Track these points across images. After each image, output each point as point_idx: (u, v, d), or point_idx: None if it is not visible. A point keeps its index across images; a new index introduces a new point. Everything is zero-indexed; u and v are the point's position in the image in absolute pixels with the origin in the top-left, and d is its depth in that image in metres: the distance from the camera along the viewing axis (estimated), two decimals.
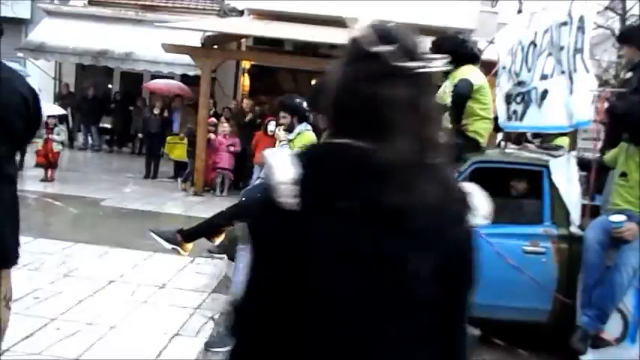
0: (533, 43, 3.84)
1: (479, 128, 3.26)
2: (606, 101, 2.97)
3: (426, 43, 0.92)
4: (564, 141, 4.56)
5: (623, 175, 3.07)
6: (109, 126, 11.96)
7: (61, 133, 7.99)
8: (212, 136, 7.92)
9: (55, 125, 7.91)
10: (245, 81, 11.82)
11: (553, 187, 3.18)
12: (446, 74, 3.46)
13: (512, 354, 3.16)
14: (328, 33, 7.32)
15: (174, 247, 3.35)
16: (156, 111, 9.34)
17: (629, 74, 3.56)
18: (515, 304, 3.15)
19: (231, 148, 8.04)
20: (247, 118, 8.75)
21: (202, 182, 7.99)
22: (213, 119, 8.40)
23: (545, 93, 3.47)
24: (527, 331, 3.29)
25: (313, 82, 11.21)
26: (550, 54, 3.50)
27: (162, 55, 9.22)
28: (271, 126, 8.21)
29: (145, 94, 11.52)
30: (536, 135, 4.26)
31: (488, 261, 3.04)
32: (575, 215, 3.14)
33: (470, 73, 3.27)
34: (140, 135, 9.81)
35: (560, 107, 3.26)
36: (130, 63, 10.29)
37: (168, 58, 9.49)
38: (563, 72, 3.23)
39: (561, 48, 3.21)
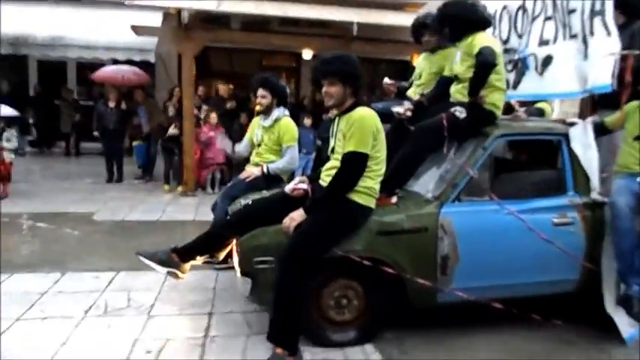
0: (523, 8, 3.75)
1: (496, 100, 3.11)
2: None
3: (431, 9, 0.69)
4: (545, 105, 4.60)
5: (638, 138, 3.07)
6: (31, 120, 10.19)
7: (12, 139, 6.68)
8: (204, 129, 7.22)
9: (4, 130, 6.58)
10: (192, 66, 10.95)
11: (573, 156, 3.13)
12: (453, 42, 3.26)
13: (548, 327, 3.12)
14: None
15: (170, 270, 2.91)
16: (111, 104, 8.09)
17: None
18: (546, 278, 3.09)
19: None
20: (228, 106, 7.97)
21: (194, 181, 7.34)
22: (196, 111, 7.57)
23: (548, 59, 3.39)
24: (552, 303, 3.26)
25: (265, 62, 10.73)
26: (549, 18, 3.41)
27: (100, 39, 8.19)
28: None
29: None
30: (523, 104, 4.23)
31: (521, 238, 2.98)
32: (595, 182, 3.11)
33: (489, 40, 3.07)
34: (95, 133, 8.40)
35: (569, 72, 3.19)
36: (60, 50, 8.87)
37: (106, 42, 8.39)
38: (573, 36, 3.15)
39: (571, 11, 3.11)
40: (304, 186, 2.92)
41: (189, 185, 7.27)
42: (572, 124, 3.22)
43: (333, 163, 2.81)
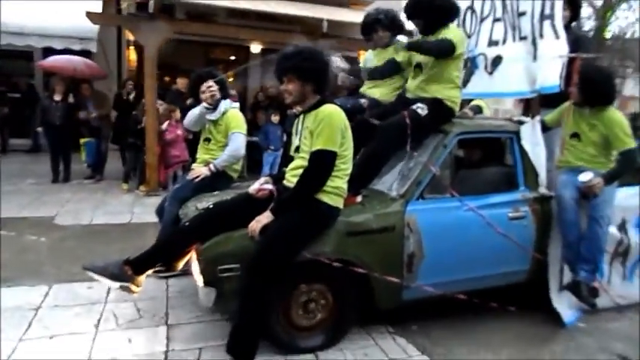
0: (471, 9, 3.87)
1: (454, 96, 3.16)
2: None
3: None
4: (481, 102, 4.81)
5: (575, 135, 3.29)
6: None
7: None
8: (164, 126, 6.64)
9: None
10: (131, 55, 10.08)
11: (523, 152, 3.28)
12: (426, 34, 3.22)
13: (504, 314, 3.27)
14: None
15: (123, 284, 2.62)
16: (57, 97, 7.25)
17: None
18: (502, 270, 3.22)
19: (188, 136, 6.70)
20: (188, 102, 7.46)
21: (156, 180, 6.81)
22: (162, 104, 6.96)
23: (498, 59, 3.52)
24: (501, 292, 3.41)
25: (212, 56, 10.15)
26: (498, 19, 3.54)
27: (33, 25, 7.44)
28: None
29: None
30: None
31: (480, 232, 3.07)
32: (543, 177, 3.29)
33: (459, 34, 3.09)
34: (39, 129, 7.59)
35: (519, 73, 3.33)
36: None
37: (41, 29, 7.61)
38: (523, 38, 3.29)
39: (521, 14, 3.25)
40: (269, 186, 2.76)
41: (151, 184, 6.77)
42: (521, 123, 3.37)
43: (299, 162, 2.69)
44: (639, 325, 3.31)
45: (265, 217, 2.55)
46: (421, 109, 3.06)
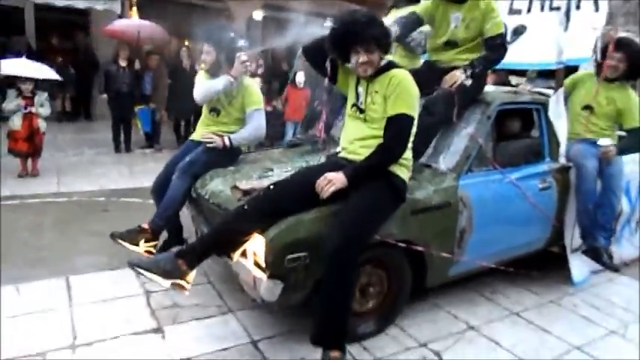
0: None
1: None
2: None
3: None
4: None
5: (587, 107, 3.42)
6: None
7: (45, 104, 5.55)
8: None
9: (34, 94, 5.45)
10: (134, 16, 8.73)
11: (549, 124, 3.32)
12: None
13: (524, 278, 3.39)
14: None
15: (175, 281, 2.18)
16: (123, 63, 7.02)
17: None
18: (530, 239, 3.30)
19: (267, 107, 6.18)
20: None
21: None
22: None
23: (522, 28, 3.48)
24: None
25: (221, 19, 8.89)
26: None
27: None
28: (299, 77, 7.05)
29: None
30: None
31: (517, 204, 3.08)
32: (563, 148, 3.38)
33: (499, 14, 3.01)
34: (104, 96, 7.21)
35: (546, 43, 3.33)
36: None
37: None
38: (555, 8, 3.27)
39: None
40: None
41: None
42: (542, 94, 3.41)
43: (367, 131, 2.40)
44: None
45: (339, 181, 2.26)
46: (466, 80, 2.92)
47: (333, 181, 2.25)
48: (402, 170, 2.40)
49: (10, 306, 2.73)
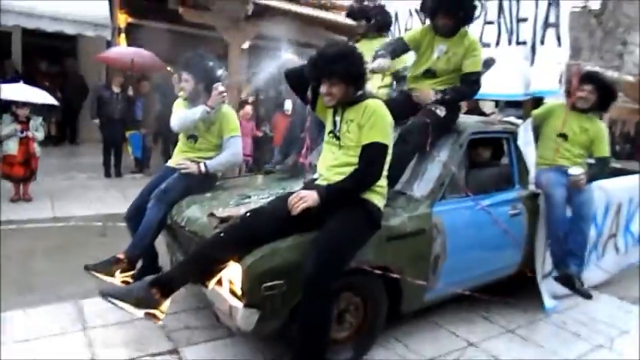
0: None
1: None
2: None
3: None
4: None
5: (562, 135, 3.55)
6: None
7: (39, 129, 5.63)
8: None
9: (28, 118, 5.52)
10: (122, 43, 8.81)
11: (519, 152, 3.45)
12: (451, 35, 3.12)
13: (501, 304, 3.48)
14: None
15: (149, 311, 2.15)
16: (116, 89, 7.23)
17: None
18: (500, 265, 3.37)
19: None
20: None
21: None
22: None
23: (491, 61, 3.63)
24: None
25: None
26: (490, 22, 3.65)
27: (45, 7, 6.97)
28: (287, 104, 7.26)
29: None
30: None
31: (488, 230, 3.16)
32: (532, 175, 3.50)
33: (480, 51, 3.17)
34: (96, 120, 7.29)
35: (514, 76, 3.48)
36: None
37: (52, 12, 7.09)
38: (521, 42, 3.43)
39: (521, 19, 3.38)
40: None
41: None
42: (512, 124, 3.54)
43: (343, 158, 2.43)
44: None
45: (311, 198, 2.28)
46: (440, 110, 3.03)
47: (305, 197, 2.28)
48: (378, 197, 2.44)
49: (25, 330, 2.75)
